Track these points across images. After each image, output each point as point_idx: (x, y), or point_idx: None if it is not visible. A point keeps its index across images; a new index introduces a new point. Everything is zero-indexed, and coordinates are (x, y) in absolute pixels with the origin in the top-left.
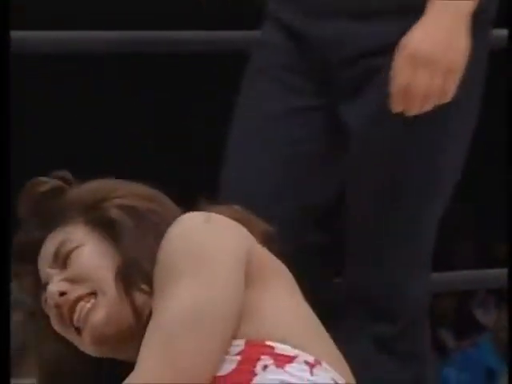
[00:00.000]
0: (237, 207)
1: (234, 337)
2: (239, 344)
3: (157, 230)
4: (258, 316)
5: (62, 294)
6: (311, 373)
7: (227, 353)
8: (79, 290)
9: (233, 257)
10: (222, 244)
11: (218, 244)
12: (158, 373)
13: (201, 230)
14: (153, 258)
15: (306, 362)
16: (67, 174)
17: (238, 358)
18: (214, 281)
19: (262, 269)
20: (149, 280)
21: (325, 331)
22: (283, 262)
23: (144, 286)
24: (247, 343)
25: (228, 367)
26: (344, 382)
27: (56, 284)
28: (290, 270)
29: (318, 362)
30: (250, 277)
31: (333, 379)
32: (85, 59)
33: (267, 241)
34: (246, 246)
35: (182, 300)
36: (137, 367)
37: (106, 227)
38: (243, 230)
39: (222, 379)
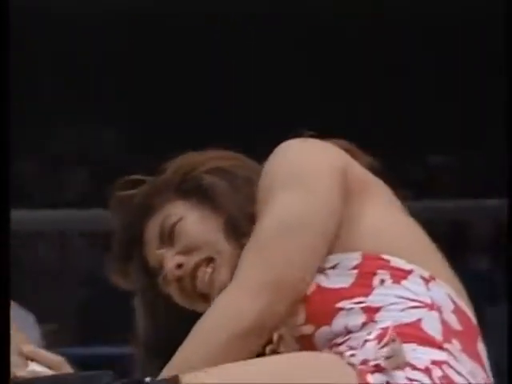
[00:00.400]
0: (339, 140)
1: (349, 249)
2: (356, 257)
3: (249, 181)
4: (368, 229)
5: (180, 266)
6: (427, 288)
7: (344, 267)
8: (195, 258)
9: (329, 172)
10: (318, 161)
11: (314, 161)
12: (255, 278)
13: (297, 150)
14: (254, 200)
15: (422, 277)
16: (138, 177)
17: (355, 271)
18: (310, 193)
19: (365, 185)
20: (254, 222)
21: (435, 247)
22: None
23: (252, 230)
24: (364, 256)
25: (346, 280)
26: (457, 297)
27: (171, 259)
28: None
29: (432, 278)
30: (352, 192)
31: (448, 294)
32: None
33: (372, 172)
34: (343, 163)
35: (277, 212)
36: (235, 276)
37: (201, 194)
38: (339, 150)
39: (340, 291)
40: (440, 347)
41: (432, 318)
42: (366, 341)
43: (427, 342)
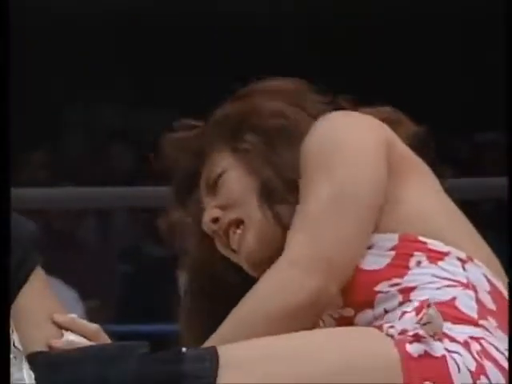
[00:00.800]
0: (385, 108)
1: (386, 230)
2: (393, 238)
3: (294, 142)
4: (406, 210)
5: (215, 220)
6: (463, 268)
7: (381, 247)
8: (229, 216)
9: (374, 147)
10: (363, 136)
11: (358, 136)
12: (309, 255)
13: (341, 124)
14: (294, 166)
15: (458, 258)
16: (192, 122)
17: (392, 253)
18: (356, 169)
19: (404, 163)
20: (293, 188)
21: (474, 229)
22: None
23: (289, 197)
24: (400, 238)
25: (382, 261)
26: (495, 277)
27: (209, 212)
28: None
29: (469, 259)
30: (392, 171)
31: (484, 275)
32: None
33: (416, 142)
34: (387, 139)
35: (325, 189)
36: (286, 251)
37: (242, 153)
38: (383, 125)
39: (377, 273)
40: (475, 324)
41: (467, 296)
42: (404, 312)
43: (462, 320)
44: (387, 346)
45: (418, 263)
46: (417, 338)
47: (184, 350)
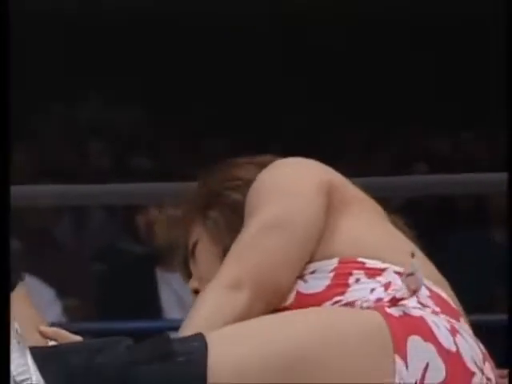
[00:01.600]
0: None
1: (324, 258)
2: (332, 262)
3: None
4: (344, 237)
5: (196, 291)
6: (401, 280)
7: (323, 271)
8: (204, 287)
9: (313, 184)
10: (303, 175)
11: (299, 175)
12: (234, 275)
13: (281, 169)
14: None
15: (396, 272)
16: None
17: (332, 274)
18: (288, 205)
19: (345, 197)
20: None
21: (413, 247)
22: None
23: None
24: (340, 261)
25: (322, 283)
26: (434, 286)
27: (192, 282)
28: None
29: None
30: (334, 204)
31: (423, 284)
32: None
33: None
34: (328, 178)
35: (262, 216)
36: (216, 275)
37: (207, 225)
38: (324, 166)
39: (318, 295)
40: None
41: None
42: (373, 289)
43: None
44: (367, 311)
45: (357, 280)
46: (393, 303)
47: (171, 336)
